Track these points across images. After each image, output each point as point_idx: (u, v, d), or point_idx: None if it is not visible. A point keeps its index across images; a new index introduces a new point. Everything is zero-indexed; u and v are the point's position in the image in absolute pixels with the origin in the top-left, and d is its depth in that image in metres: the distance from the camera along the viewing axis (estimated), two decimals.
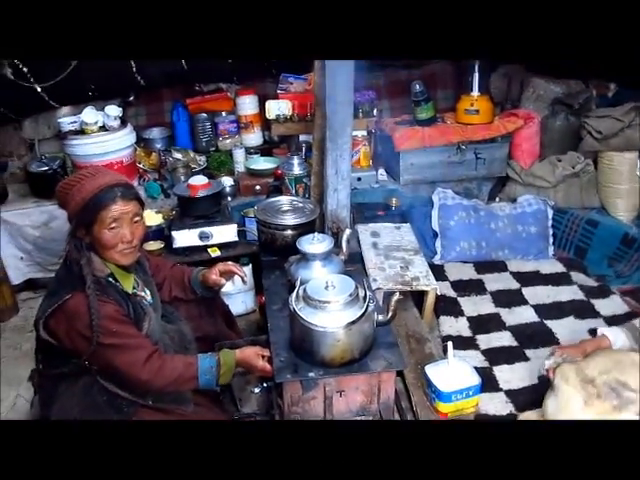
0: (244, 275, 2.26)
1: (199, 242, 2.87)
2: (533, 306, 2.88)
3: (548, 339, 2.63)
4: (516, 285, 3.06)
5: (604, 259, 3.20)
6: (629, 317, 2.59)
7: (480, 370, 2.26)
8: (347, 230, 2.28)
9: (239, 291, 2.92)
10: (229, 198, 3.28)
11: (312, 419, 1.90)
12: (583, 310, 2.81)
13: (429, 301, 2.69)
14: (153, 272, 2.17)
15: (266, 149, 3.68)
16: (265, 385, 2.26)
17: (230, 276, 2.27)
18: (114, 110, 3.13)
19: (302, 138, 3.48)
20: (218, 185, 3.04)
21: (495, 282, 3.08)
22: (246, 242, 3.03)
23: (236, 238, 2.94)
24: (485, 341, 2.65)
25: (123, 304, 1.85)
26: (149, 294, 2.04)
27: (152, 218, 2.97)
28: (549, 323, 2.74)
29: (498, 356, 2.54)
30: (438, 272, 3.01)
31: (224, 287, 2.29)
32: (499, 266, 3.22)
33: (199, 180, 2.91)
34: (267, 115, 3.46)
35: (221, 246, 2.93)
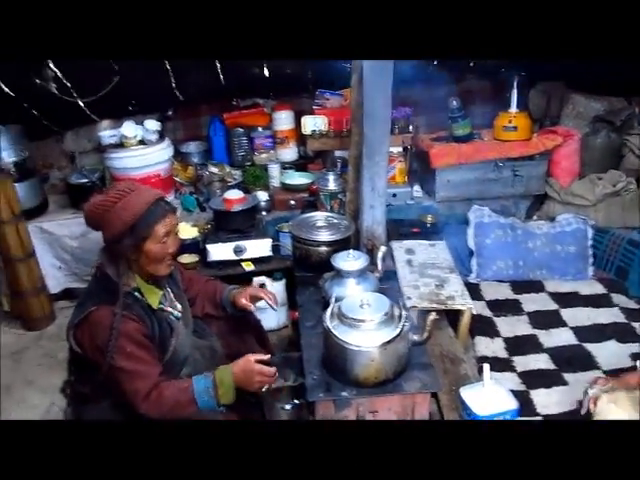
0: (274, 304, 2.19)
1: (233, 256, 2.89)
2: (572, 328, 2.81)
3: (587, 363, 2.56)
4: (554, 306, 2.99)
5: None
6: None
7: (517, 393, 2.20)
8: (382, 247, 2.26)
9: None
10: (264, 212, 3.29)
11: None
12: (624, 333, 2.73)
13: (464, 321, 2.64)
14: (186, 286, 2.18)
15: (301, 164, 3.68)
16: (296, 402, 2.25)
17: (259, 300, 2.22)
18: (153, 124, 3.18)
19: (337, 154, 3.48)
20: (253, 199, 3.05)
21: (532, 302, 3.02)
22: (280, 257, 3.03)
23: (270, 253, 2.95)
24: (522, 363, 2.59)
25: (147, 320, 1.85)
26: (179, 308, 2.04)
27: (187, 231, 3.00)
28: (588, 346, 2.67)
29: (535, 379, 2.48)
30: (473, 291, 2.95)
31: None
32: (536, 286, 3.15)
33: (235, 194, 2.93)
34: (303, 130, 3.47)
35: (255, 260, 2.93)
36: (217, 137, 3.68)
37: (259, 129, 3.66)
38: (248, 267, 2.92)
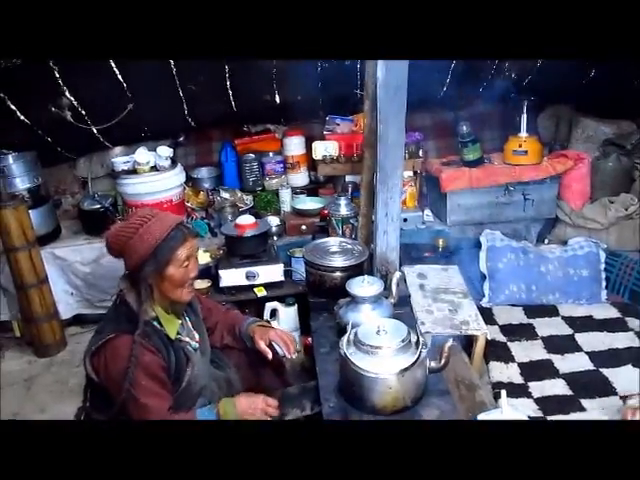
0: (291, 353, 2.13)
1: (245, 281, 2.88)
2: (587, 353, 2.78)
3: (604, 389, 2.52)
4: (568, 330, 2.96)
5: None
6: None
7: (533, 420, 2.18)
8: (397, 273, 2.25)
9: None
10: (275, 237, 3.29)
11: None
12: None
13: (479, 346, 2.61)
14: (205, 315, 2.15)
15: (312, 189, 3.70)
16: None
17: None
18: (165, 151, 3.21)
19: (348, 179, 3.50)
20: (265, 225, 3.06)
21: (546, 327, 2.99)
22: (292, 282, 3.03)
23: (282, 278, 2.94)
24: (538, 389, 2.56)
25: (163, 350, 1.83)
26: (197, 338, 2.02)
27: (199, 257, 2.99)
28: (605, 372, 2.63)
29: (552, 405, 2.44)
30: (486, 315, 2.93)
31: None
32: (550, 310, 3.12)
33: (246, 220, 2.94)
34: (314, 155, 3.49)
35: (267, 286, 2.93)
36: (228, 163, 3.71)
37: (270, 154, 3.69)
38: (260, 292, 2.91)
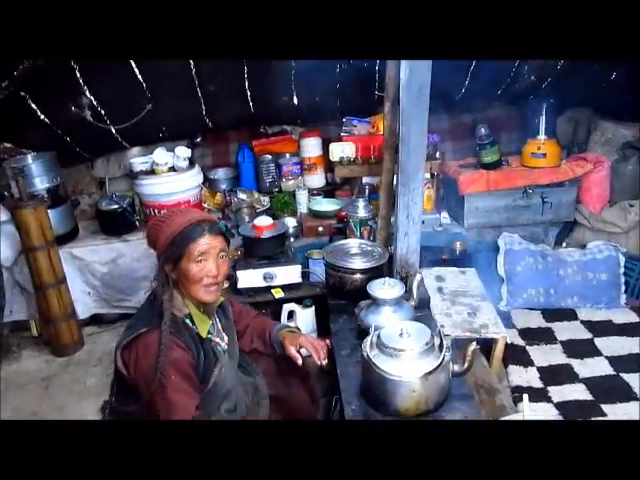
0: (322, 360, 2.07)
1: (263, 283, 2.88)
2: (607, 358, 2.75)
3: (626, 394, 2.50)
4: (588, 335, 2.93)
5: None
6: None
7: None
8: (418, 275, 2.24)
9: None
10: (292, 239, 3.29)
11: None
12: None
13: (498, 350, 2.60)
14: (235, 318, 2.14)
15: (329, 191, 3.70)
16: None
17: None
18: (184, 151, 3.22)
19: (365, 180, 3.49)
20: (283, 226, 3.06)
21: (565, 331, 2.97)
22: (309, 284, 3.02)
23: (300, 279, 2.94)
24: (558, 394, 2.54)
25: (193, 348, 1.83)
26: (226, 340, 2.01)
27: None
28: (626, 377, 2.61)
29: (573, 410, 2.42)
30: (504, 319, 2.89)
31: None
32: (568, 314, 3.10)
33: (264, 221, 2.94)
34: (331, 157, 3.49)
35: (285, 287, 2.92)
36: (245, 164, 3.72)
37: (287, 156, 3.69)
38: (277, 294, 2.91)
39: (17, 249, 3.12)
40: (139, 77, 2.93)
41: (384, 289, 2.11)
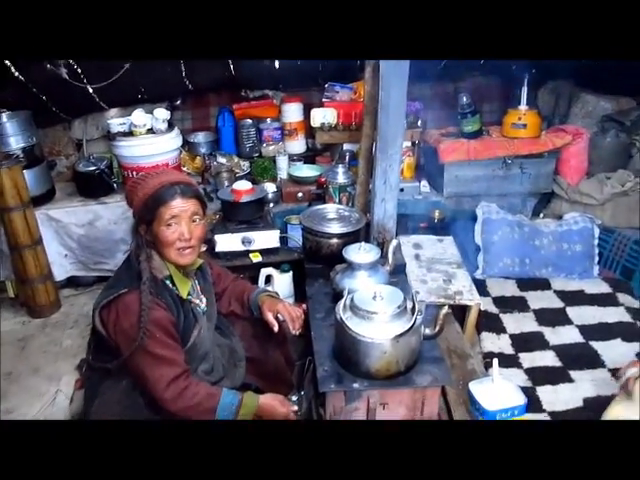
0: (296, 330, 2.08)
1: (241, 247, 2.88)
2: (578, 326, 2.81)
3: (594, 361, 2.57)
4: (560, 304, 2.99)
5: None
6: None
7: (523, 390, 2.20)
8: (394, 241, 2.26)
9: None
10: (271, 204, 3.28)
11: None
12: (630, 333, 2.72)
13: (472, 316, 2.65)
14: (214, 281, 2.15)
15: (309, 157, 3.68)
16: (302, 393, 2.25)
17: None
18: (163, 113, 3.16)
19: (346, 147, 3.47)
20: (262, 191, 3.05)
21: (538, 300, 3.01)
22: (288, 249, 3.03)
23: (278, 244, 2.94)
24: (528, 360, 2.59)
25: (174, 309, 1.85)
26: (205, 302, 2.03)
27: None
28: (595, 345, 2.67)
29: (542, 376, 2.48)
30: (480, 287, 2.94)
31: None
32: (542, 284, 3.15)
33: (243, 185, 2.92)
34: (312, 123, 3.46)
35: (263, 252, 2.93)
36: (226, 128, 3.68)
37: (268, 121, 3.66)
38: (256, 258, 2.91)
39: None
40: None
41: (360, 253, 2.13)
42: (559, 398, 2.35)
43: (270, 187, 3.33)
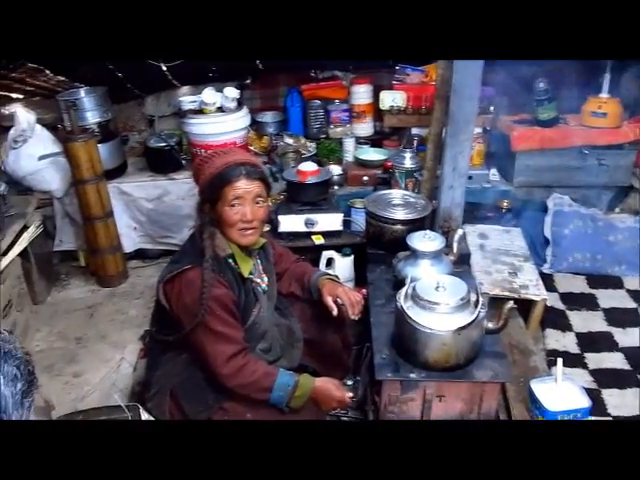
0: (355, 315, 2.03)
1: (304, 228, 2.88)
2: None
3: None
4: (632, 304, 2.85)
5: None
6: None
7: (587, 391, 2.11)
8: (459, 230, 2.21)
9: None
10: (336, 187, 3.26)
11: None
12: None
13: (537, 312, 2.56)
14: (276, 260, 2.16)
15: (376, 140, 3.62)
16: (357, 379, 2.25)
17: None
18: (233, 92, 3.19)
19: (414, 131, 3.39)
20: (327, 173, 3.03)
21: (609, 299, 2.88)
22: (350, 233, 3.00)
23: (341, 227, 2.92)
24: (594, 360, 2.49)
25: (235, 287, 1.87)
26: (266, 282, 2.04)
27: None
28: None
29: (608, 379, 2.38)
30: (546, 282, 2.84)
31: None
32: (614, 282, 3.01)
33: (309, 166, 2.92)
34: (380, 106, 3.41)
35: (325, 234, 2.92)
36: (294, 108, 3.68)
37: (336, 102, 3.62)
38: (318, 240, 2.91)
39: (68, 181, 3.21)
40: None
41: (424, 241, 2.10)
42: (626, 403, 2.25)
43: (335, 169, 3.31)
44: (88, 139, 3.00)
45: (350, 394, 1.93)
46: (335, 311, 2.02)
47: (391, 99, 3.36)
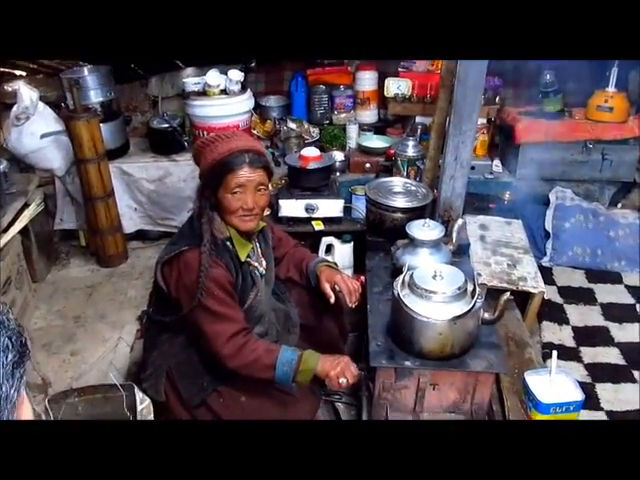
0: (352, 302, 2.02)
1: (304, 214, 2.88)
2: None
3: None
4: (630, 300, 2.86)
5: None
6: None
7: (581, 385, 2.12)
8: (459, 220, 2.20)
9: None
10: (338, 173, 3.25)
11: (401, 408, 1.87)
12: None
13: (534, 304, 2.56)
14: (275, 245, 2.15)
15: (380, 127, 3.60)
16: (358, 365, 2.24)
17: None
18: (237, 75, 3.17)
19: (418, 120, 3.38)
20: (329, 159, 3.02)
21: (607, 294, 2.89)
22: (351, 219, 3.00)
23: (341, 214, 2.92)
24: (590, 355, 2.51)
25: (233, 270, 1.86)
26: (264, 265, 2.03)
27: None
28: None
29: (602, 373, 2.40)
30: (545, 275, 2.85)
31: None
32: (613, 277, 3.01)
33: (311, 152, 2.91)
34: (385, 93, 3.39)
35: (325, 220, 2.92)
36: (298, 93, 3.66)
37: (341, 88, 3.60)
38: (318, 226, 2.91)
39: (69, 159, 3.20)
40: None
41: (423, 230, 2.09)
42: (619, 398, 2.27)
43: (338, 155, 3.30)
44: (90, 118, 2.99)
45: (356, 370, 1.83)
46: (332, 298, 2.01)
47: (396, 86, 3.35)
